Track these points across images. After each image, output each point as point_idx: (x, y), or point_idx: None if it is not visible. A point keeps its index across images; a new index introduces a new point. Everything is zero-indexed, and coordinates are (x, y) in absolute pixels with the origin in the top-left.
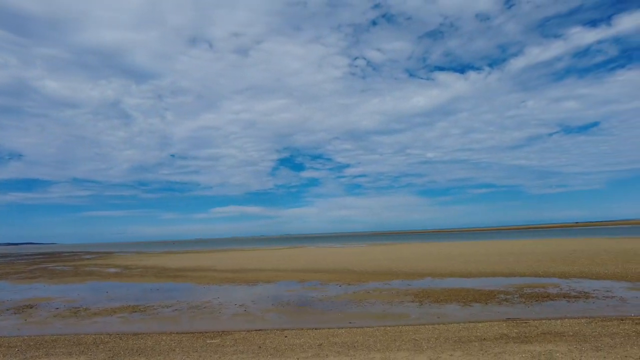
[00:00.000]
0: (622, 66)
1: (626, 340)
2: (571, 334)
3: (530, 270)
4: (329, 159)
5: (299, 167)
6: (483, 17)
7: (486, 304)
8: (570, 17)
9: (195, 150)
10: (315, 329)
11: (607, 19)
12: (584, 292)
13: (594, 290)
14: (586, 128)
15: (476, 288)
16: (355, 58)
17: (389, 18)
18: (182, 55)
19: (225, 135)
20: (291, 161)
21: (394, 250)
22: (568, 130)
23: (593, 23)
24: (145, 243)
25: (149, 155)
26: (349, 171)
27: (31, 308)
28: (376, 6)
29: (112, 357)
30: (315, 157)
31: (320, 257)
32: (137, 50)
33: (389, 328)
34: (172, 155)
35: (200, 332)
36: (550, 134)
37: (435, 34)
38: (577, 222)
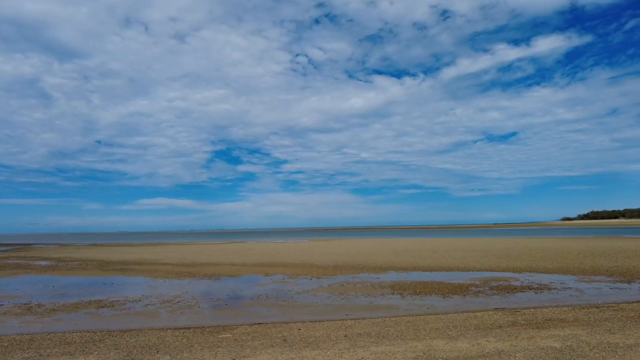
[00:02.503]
0: (537, 83)
1: (626, 324)
2: (572, 320)
3: (483, 265)
4: (266, 154)
5: (236, 161)
6: (420, 26)
7: (464, 295)
8: (496, 34)
9: (123, 138)
10: (320, 321)
11: (526, 40)
12: (544, 285)
13: (550, 282)
14: (506, 137)
15: (445, 281)
16: (297, 55)
17: (331, 18)
18: (114, 36)
19: (156, 123)
20: (227, 154)
21: (340, 246)
22: (491, 138)
23: (515, 42)
24: (65, 235)
25: (71, 141)
26: (286, 167)
27: None
28: (320, 5)
29: (127, 355)
30: (253, 152)
31: (271, 252)
32: (62, 25)
33: (394, 319)
34: (98, 142)
35: (199, 327)
36: (475, 141)
37: (374, 38)
38: (496, 223)
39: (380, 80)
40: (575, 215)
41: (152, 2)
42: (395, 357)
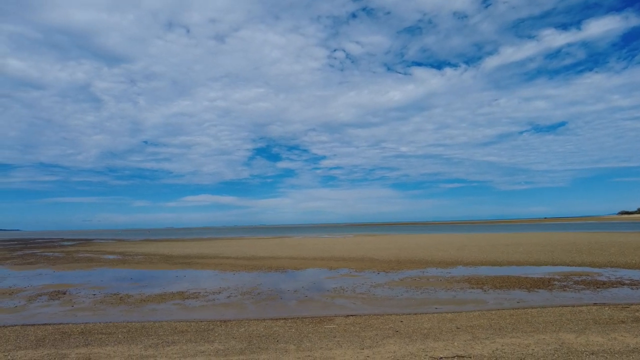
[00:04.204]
0: (589, 69)
1: None
2: None
3: (554, 259)
4: (305, 150)
5: (275, 158)
6: (460, 16)
7: (550, 290)
8: (543, 19)
9: (168, 137)
10: (416, 314)
11: (577, 24)
12: (636, 280)
13: None
14: (554, 127)
15: (522, 275)
16: (334, 50)
17: (368, 12)
18: (158, 40)
19: (199, 123)
20: (267, 151)
21: (391, 241)
22: (538, 129)
23: (564, 26)
24: (116, 231)
25: (120, 141)
26: (324, 163)
27: (64, 294)
28: None
29: (249, 344)
30: (292, 148)
31: (324, 246)
32: (110, 32)
33: (494, 312)
34: (145, 142)
35: (297, 318)
36: (521, 132)
37: (413, 30)
38: (545, 218)
39: (419, 72)
40: (634, 209)
41: (192, 5)
42: (531, 349)
